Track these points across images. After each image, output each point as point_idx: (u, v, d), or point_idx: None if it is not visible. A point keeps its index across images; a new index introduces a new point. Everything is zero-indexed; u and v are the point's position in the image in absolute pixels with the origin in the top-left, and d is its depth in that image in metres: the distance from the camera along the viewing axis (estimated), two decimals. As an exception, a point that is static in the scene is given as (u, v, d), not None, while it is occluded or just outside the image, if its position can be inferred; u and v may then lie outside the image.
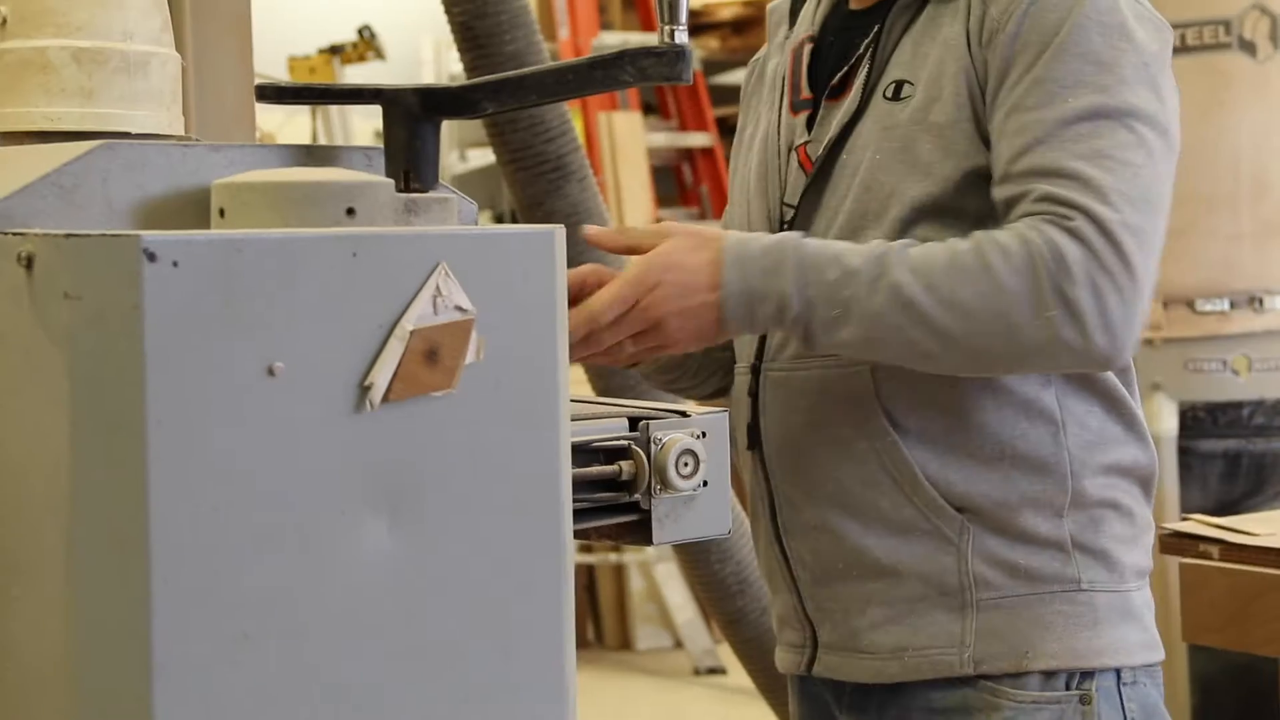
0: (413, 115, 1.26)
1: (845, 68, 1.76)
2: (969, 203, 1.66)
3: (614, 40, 6.61)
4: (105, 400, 1.03)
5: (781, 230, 1.75)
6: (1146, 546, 1.78)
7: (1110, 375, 1.73)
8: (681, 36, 1.28)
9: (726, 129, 7.22)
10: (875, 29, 1.74)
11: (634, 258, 1.63)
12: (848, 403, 1.71)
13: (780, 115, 1.82)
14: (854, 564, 1.72)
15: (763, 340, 1.78)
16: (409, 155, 1.25)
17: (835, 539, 1.73)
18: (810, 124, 1.79)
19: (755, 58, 1.96)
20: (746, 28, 7.31)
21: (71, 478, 1.04)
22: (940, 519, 1.69)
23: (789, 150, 1.80)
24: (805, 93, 1.80)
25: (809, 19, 1.85)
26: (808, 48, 1.82)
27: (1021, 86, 1.62)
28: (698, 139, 6.84)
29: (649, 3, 6.85)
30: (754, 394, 1.78)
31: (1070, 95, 1.61)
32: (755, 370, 1.78)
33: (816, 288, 1.58)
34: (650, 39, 6.09)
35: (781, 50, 1.88)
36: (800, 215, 1.75)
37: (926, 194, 1.66)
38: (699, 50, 7.09)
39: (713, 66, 7.45)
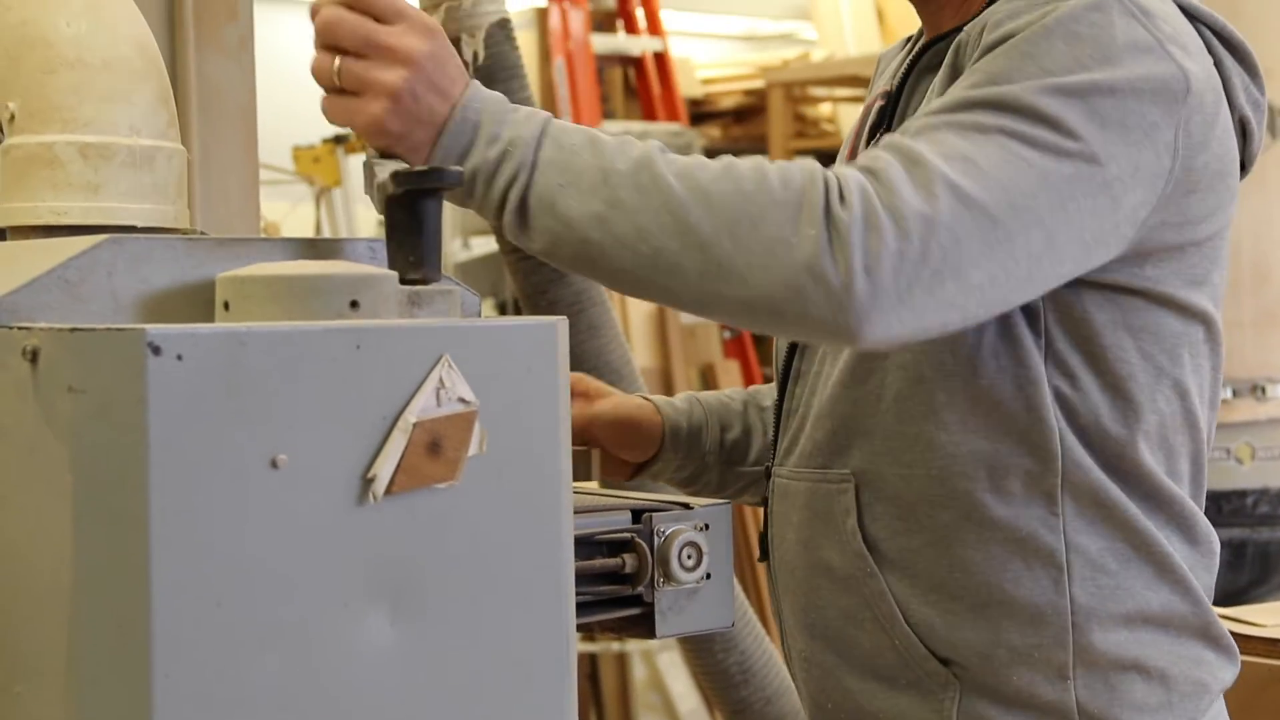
0: (418, 200, 1.26)
1: (865, 127, 1.60)
2: None
3: (616, 129, 6.65)
4: (108, 493, 1.03)
5: None
6: (1191, 718, 1.50)
7: (1138, 505, 1.48)
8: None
9: (728, 217, 7.24)
10: (900, 83, 1.57)
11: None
12: (831, 523, 1.53)
13: None
14: (840, 705, 1.54)
15: (777, 435, 1.62)
16: (413, 247, 1.26)
17: (823, 673, 1.55)
18: None
19: None
20: (748, 116, 7.36)
21: (74, 572, 1.04)
22: (923, 670, 1.48)
23: None
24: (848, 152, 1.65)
25: (892, 72, 1.67)
26: (879, 105, 1.64)
27: (954, 89, 1.41)
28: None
29: (651, 92, 6.90)
30: (766, 501, 1.63)
31: (990, 85, 1.37)
32: (768, 474, 1.63)
33: (558, 150, 1.31)
34: (652, 128, 6.11)
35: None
36: None
37: None
38: (701, 139, 7.13)
39: (714, 155, 7.48)
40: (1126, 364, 1.47)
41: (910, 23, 1.73)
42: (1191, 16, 1.49)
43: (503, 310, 6.89)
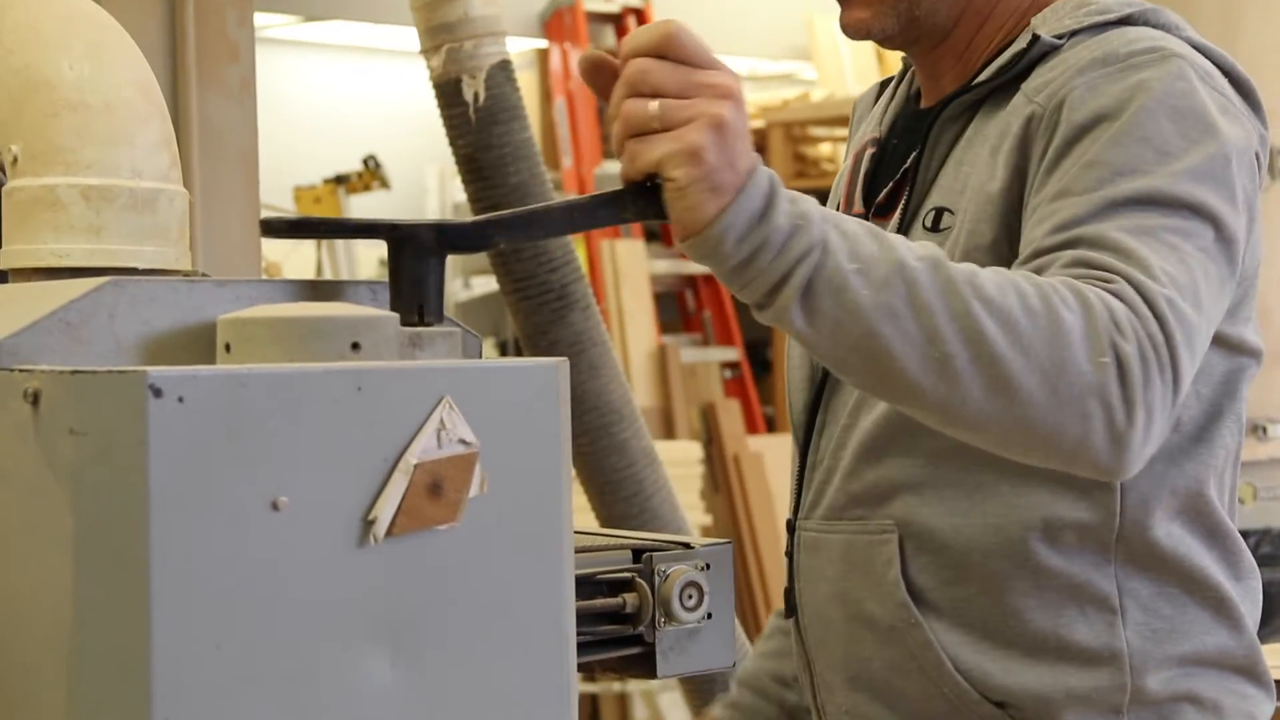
0: (422, 250, 1.27)
1: (892, 182, 1.60)
2: None
3: (617, 169, 6.66)
4: (109, 535, 1.03)
5: (825, 372, 1.57)
6: None
7: (1200, 542, 1.51)
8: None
9: (729, 256, 7.25)
10: (921, 144, 1.58)
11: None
12: (871, 574, 1.53)
13: None
14: None
15: (800, 488, 1.62)
16: (415, 290, 1.26)
17: None
18: None
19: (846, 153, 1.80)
20: (748, 156, 7.37)
21: (74, 613, 1.04)
22: (977, 714, 1.49)
23: None
24: (858, 206, 1.65)
25: (877, 119, 1.70)
26: (870, 152, 1.67)
27: (1071, 172, 1.40)
28: (700, 266, 6.87)
29: (651, 132, 6.91)
30: (790, 555, 1.63)
31: (1124, 180, 1.38)
32: (791, 528, 1.63)
33: (841, 236, 1.24)
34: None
35: (853, 148, 1.73)
36: None
37: None
38: (701, 178, 7.14)
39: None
40: (1188, 408, 1.49)
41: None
42: (1206, 56, 1.51)
43: (504, 349, 6.90)
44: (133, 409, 1.01)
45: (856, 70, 7.68)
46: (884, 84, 1.77)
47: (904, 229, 1.54)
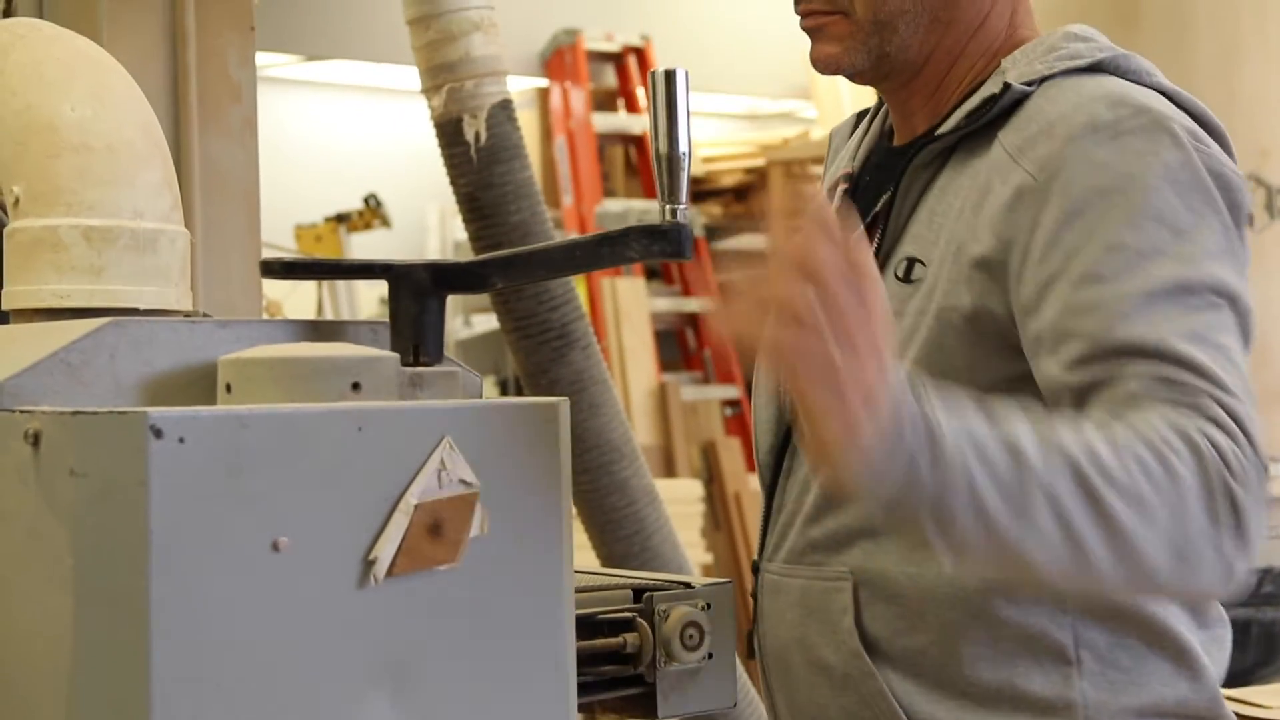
0: (421, 290, 1.27)
1: (862, 225, 1.56)
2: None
3: (617, 207, 6.68)
4: (109, 576, 1.03)
5: (788, 403, 1.55)
6: None
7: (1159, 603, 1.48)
8: (683, 215, 1.29)
9: (730, 294, 7.26)
10: (893, 189, 1.56)
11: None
12: (827, 621, 1.52)
13: None
14: None
15: (765, 530, 1.61)
16: (415, 329, 1.26)
17: None
18: None
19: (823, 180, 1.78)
20: (749, 194, 7.39)
21: (74, 653, 1.04)
22: None
23: None
24: None
25: (850, 153, 1.69)
26: (840, 189, 1.66)
27: (1090, 252, 1.39)
28: (701, 303, 6.89)
29: (650, 171, 6.94)
30: (755, 596, 1.62)
31: (1151, 265, 1.37)
32: (756, 569, 1.62)
33: (979, 460, 1.24)
34: (653, 205, 6.15)
35: (829, 181, 1.72)
36: None
37: None
38: (702, 216, 7.16)
39: (716, 232, 7.52)
40: None
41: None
42: (1176, 104, 1.50)
43: (504, 387, 6.90)
44: (133, 449, 1.01)
45: (856, 108, 7.69)
46: (860, 115, 1.75)
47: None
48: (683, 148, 1.27)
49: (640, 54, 7.13)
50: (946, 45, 1.58)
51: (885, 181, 1.58)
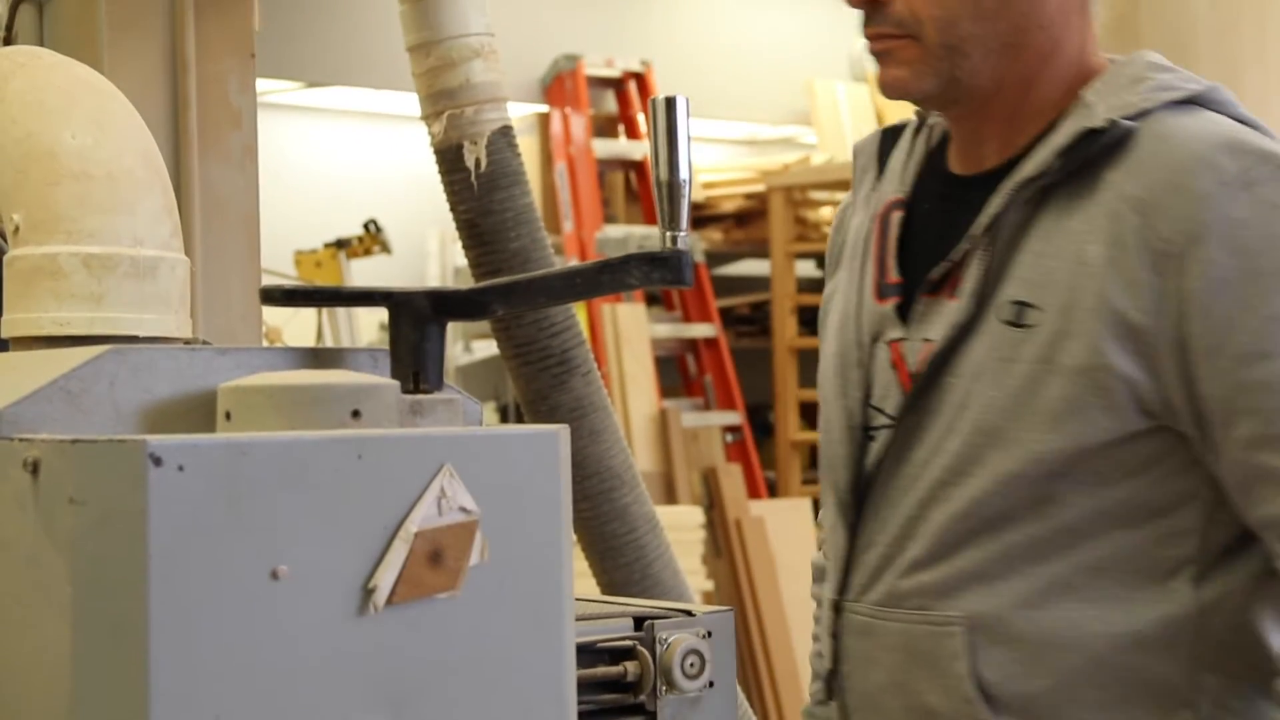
0: (421, 317, 1.27)
1: (949, 262, 1.55)
2: (1104, 465, 1.45)
3: (618, 233, 6.69)
4: (108, 605, 1.02)
5: (866, 437, 1.56)
6: None
7: (1274, 638, 1.50)
8: (684, 242, 1.29)
9: (730, 319, 7.27)
10: (989, 224, 1.52)
11: None
12: (935, 667, 1.50)
13: (861, 297, 1.63)
14: None
15: (847, 568, 1.59)
16: (415, 357, 1.26)
17: None
18: (903, 314, 1.58)
19: (845, 204, 1.76)
20: (749, 219, 7.40)
21: (73, 683, 1.03)
22: None
23: (873, 341, 1.60)
24: (894, 275, 1.61)
25: (897, 176, 1.66)
26: (897, 216, 1.63)
27: (1249, 325, 1.41)
28: (701, 330, 6.88)
29: (651, 197, 6.94)
30: (835, 635, 1.59)
31: None
32: (837, 607, 1.59)
33: None
34: (654, 231, 6.16)
35: (867, 204, 1.68)
36: (899, 439, 1.54)
37: (1056, 449, 1.45)
38: (703, 242, 7.17)
39: (716, 258, 7.52)
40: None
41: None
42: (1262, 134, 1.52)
43: (504, 413, 6.90)
44: (133, 478, 1.01)
45: (856, 135, 7.71)
46: (888, 133, 1.72)
47: (974, 318, 1.51)
48: (683, 174, 1.27)
49: (641, 80, 7.14)
50: (1018, 72, 1.56)
51: (956, 213, 1.56)
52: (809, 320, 7.26)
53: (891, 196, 1.65)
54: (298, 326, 6.20)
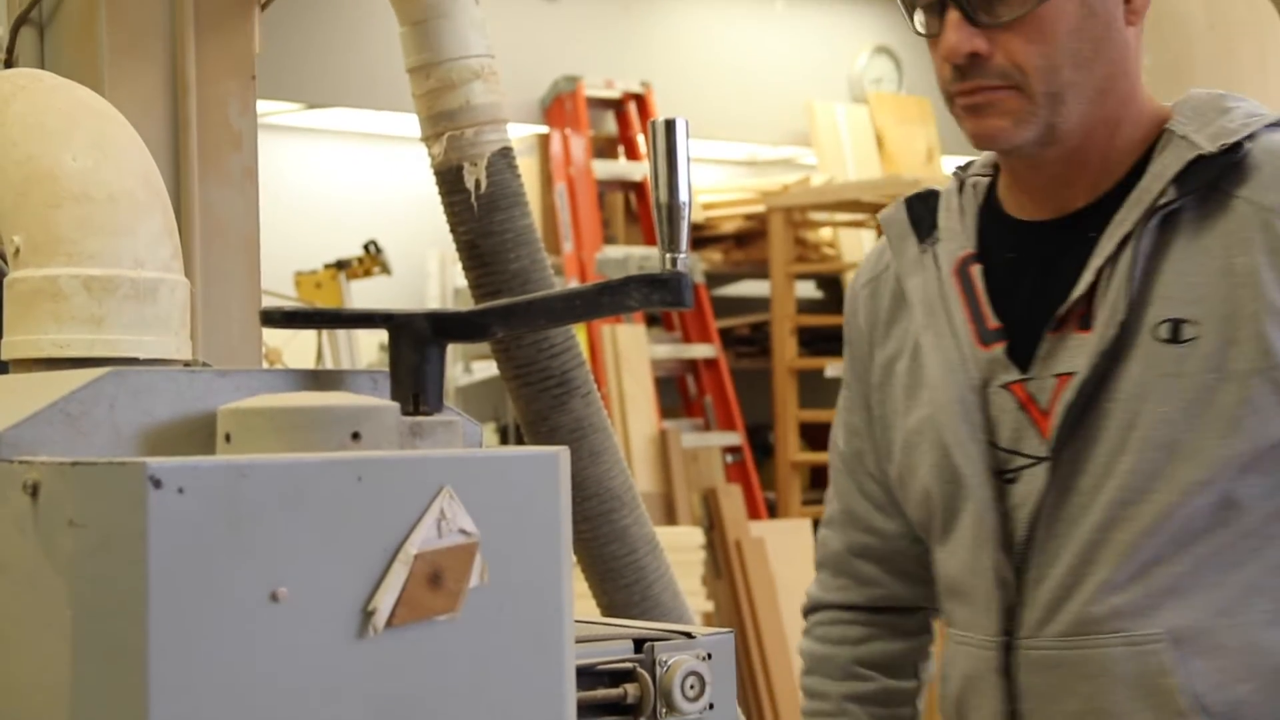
0: (421, 339, 1.27)
1: (1077, 295, 1.60)
2: None
3: (617, 254, 6.69)
4: (108, 627, 1.02)
5: (1004, 480, 1.60)
6: None
7: None
8: (683, 264, 1.29)
9: (730, 340, 7.27)
10: (1113, 253, 1.58)
11: None
12: (1141, 686, 1.53)
13: (961, 347, 1.66)
14: None
15: (1009, 605, 1.60)
16: (415, 379, 1.26)
17: None
18: (1014, 356, 1.63)
19: (872, 276, 1.80)
20: (749, 240, 7.41)
21: (71, 705, 1.03)
22: None
23: (984, 387, 1.64)
24: (993, 321, 1.65)
25: (957, 233, 1.72)
26: (977, 268, 1.68)
27: None
28: (701, 350, 6.89)
29: (650, 218, 6.95)
30: (1007, 674, 1.61)
31: None
32: (1007, 647, 1.61)
33: None
34: (654, 252, 6.16)
35: (922, 268, 1.72)
36: (1059, 471, 1.57)
37: (1238, 452, 1.52)
38: (703, 263, 7.17)
39: (716, 279, 7.53)
40: None
41: (908, 148, 1.75)
42: None
43: (504, 434, 6.89)
44: (132, 500, 1.01)
45: (856, 156, 7.73)
46: (914, 200, 1.77)
47: (1120, 343, 1.56)
48: (683, 196, 1.27)
49: (640, 101, 7.15)
50: (1106, 115, 1.63)
51: (1049, 255, 1.62)
52: (809, 341, 7.27)
53: (963, 251, 1.70)
54: (298, 347, 6.20)
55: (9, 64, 2.02)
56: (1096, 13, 1.61)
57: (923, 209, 1.76)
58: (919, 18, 1.67)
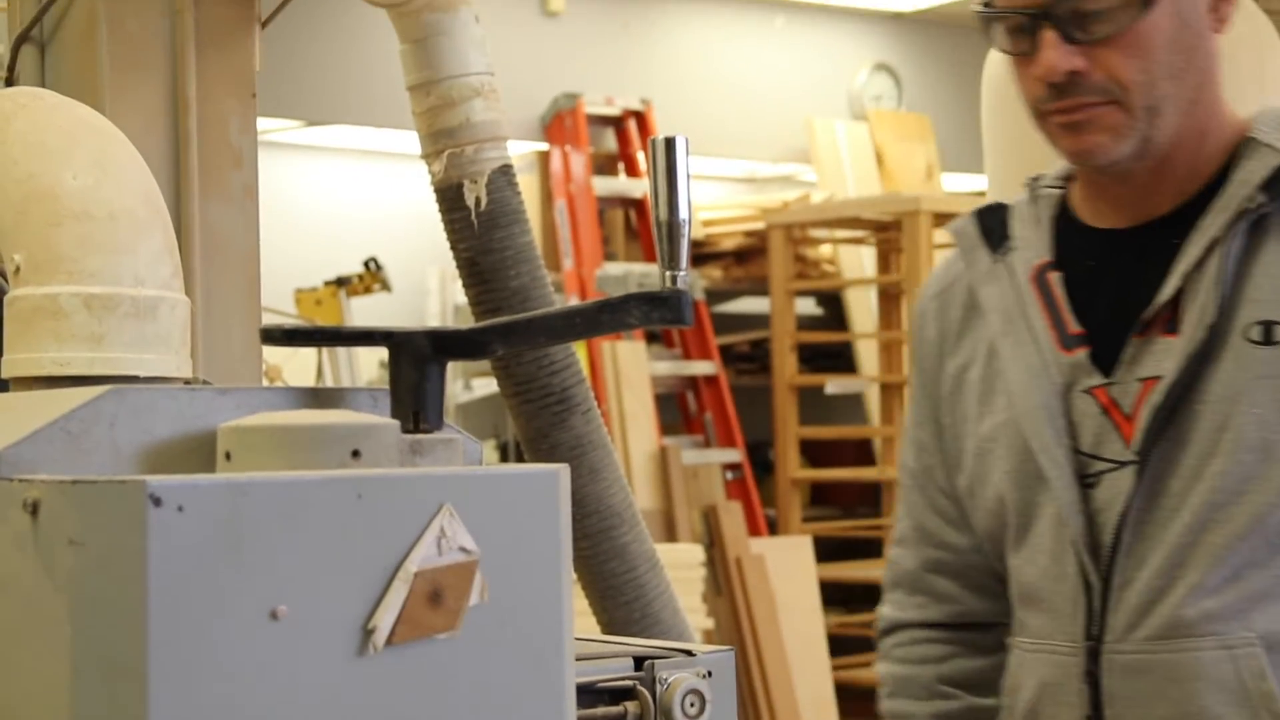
0: (421, 357, 1.27)
1: (1163, 299, 1.62)
2: None
3: (618, 270, 6.70)
4: (107, 645, 1.02)
5: (1084, 485, 1.61)
6: None
7: None
8: (683, 282, 1.29)
9: (730, 357, 7.27)
10: (1200, 257, 1.60)
11: None
12: (1237, 690, 1.53)
13: (1042, 351, 1.67)
14: None
15: (1095, 610, 1.60)
16: (415, 396, 1.26)
17: None
18: (1099, 361, 1.64)
19: (941, 288, 1.81)
20: (749, 257, 7.41)
21: (71, 724, 1.03)
22: None
23: (1066, 391, 1.65)
24: (1074, 326, 1.66)
25: (1032, 241, 1.73)
26: (1055, 275, 1.69)
27: None
28: (701, 367, 6.89)
29: (651, 234, 6.95)
30: (1092, 680, 1.60)
31: None
32: (1092, 652, 1.61)
33: None
34: (654, 269, 6.17)
35: (997, 277, 1.73)
36: (1148, 474, 1.58)
37: None
38: (702, 280, 7.18)
39: (716, 296, 7.53)
40: None
41: (908, 165, 1.77)
42: None
43: (504, 451, 6.89)
44: (132, 518, 1.01)
45: (856, 173, 7.73)
46: (984, 212, 1.77)
47: (1210, 345, 1.57)
48: (683, 215, 1.27)
49: (640, 118, 7.16)
50: (1194, 124, 1.65)
51: (1131, 261, 1.64)
52: (809, 358, 7.27)
53: (1040, 260, 1.71)
54: (298, 364, 6.20)
55: (10, 82, 2.02)
56: (1189, 23, 1.62)
57: (993, 220, 1.76)
58: (1002, 37, 1.67)
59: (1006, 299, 1.70)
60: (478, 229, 2.63)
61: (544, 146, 7.09)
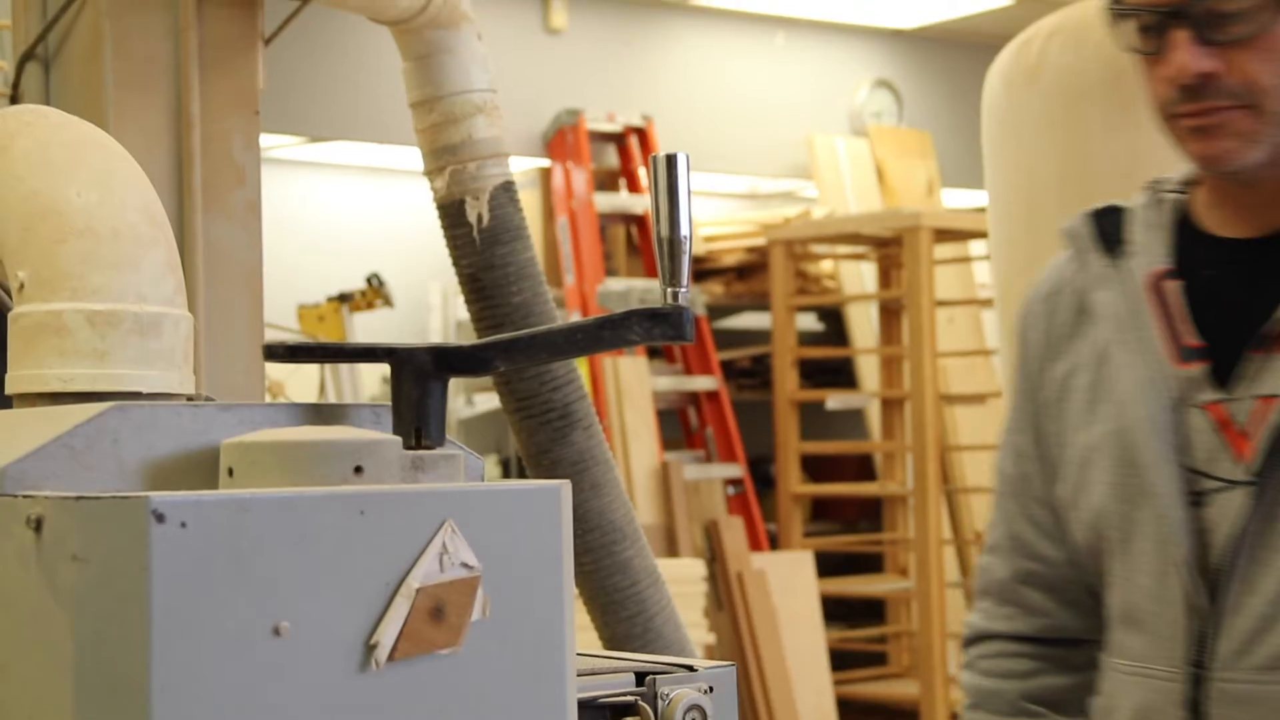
0: (423, 374, 1.27)
1: (1278, 315, 1.57)
2: None
3: (619, 286, 6.70)
4: (110, 662, 1.02)
5: (1193, 503, 1.56)
6: None
7: None
8: (684, 298, 1.30)
9: (731, 372, 7.27)
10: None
11: None
12: None
13: (1155, 362, 1.62)
14: None
15: (1200, 635, 1.55)
16: (418, 413, 1.26)
17: None
18: (1218, 376, 1.59)
19: (1050, 291, 1.75)
20: (750, 273, 7.42)
21: (74, 740, 1.04)
22: None
23: (1178, 405, 1.60)
24: (1191, 339, 1.61)
25: (1150, 247, 1.67)
26: (1173, 284, 1.64)
27: None
28: (703, 382, 6.89)
29: (652, 250, 6.95)
30: (1193, 708, 1.55)
31: None
32: (1196, 679, 1.56)
33: None
34: (655, 284, 6.18)
35: (1110, 281, 1.68)
36: (1264, 496, 1.52)
37: None
38: (704, 295, 7.18)
39: (717, 311, 7.53)
40: None
41: (909, 181, 1.76)
42: None
43: (506, 467, 6.90)
44: (135, 534, 1.01)
45: (856, 189, 7.74)
46: (1099, 214, 1.73)
47: None
48: (684, 231, 1.28)
49: (642, 134, 7.17)
50: None
51: (1256, 273, 1.59)
52: (810, 373, 7.27)
53: (1158, 267, 1.65)
54: (300, 380, 6.20)
55: (14, 99, 2.03)
56: None
57: (1108, 222, 1.71)
58: (1131, 35, 1.62)
59: (1120, 305, 1.65)
60: (480, 245, 2.64)
61: (546, 162, 7.10)
